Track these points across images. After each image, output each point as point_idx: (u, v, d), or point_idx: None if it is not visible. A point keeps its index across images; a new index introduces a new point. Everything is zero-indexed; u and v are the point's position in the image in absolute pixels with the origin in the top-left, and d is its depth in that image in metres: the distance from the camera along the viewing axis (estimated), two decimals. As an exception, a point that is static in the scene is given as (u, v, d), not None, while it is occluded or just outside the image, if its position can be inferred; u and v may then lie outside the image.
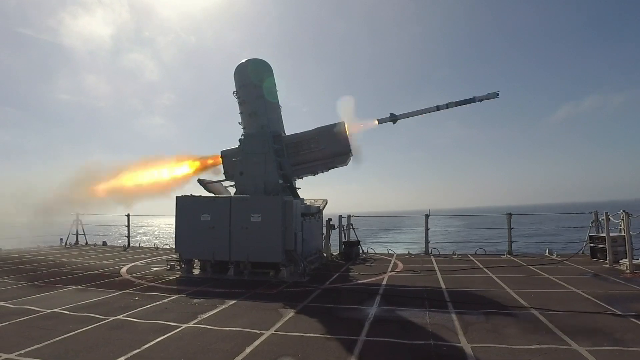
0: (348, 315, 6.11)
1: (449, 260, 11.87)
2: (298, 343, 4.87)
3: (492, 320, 5.74)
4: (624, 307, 6.24)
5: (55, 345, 4.78)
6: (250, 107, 10.82)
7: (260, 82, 10.82)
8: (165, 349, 4.70)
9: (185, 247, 9.82)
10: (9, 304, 6.79)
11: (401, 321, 5.76)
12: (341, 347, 4.71)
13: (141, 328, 5.49)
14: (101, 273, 10.02)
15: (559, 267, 10.23)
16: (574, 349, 4.55)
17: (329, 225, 12.87)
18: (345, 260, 12.15)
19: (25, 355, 4.42)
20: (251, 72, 10.94)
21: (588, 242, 11.77)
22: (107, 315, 6.07)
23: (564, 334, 5.02)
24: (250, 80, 10.85)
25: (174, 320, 5.81)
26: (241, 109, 11.11)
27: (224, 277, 9.31)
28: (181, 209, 9.90)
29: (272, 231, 9.16)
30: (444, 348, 4.65)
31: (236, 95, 11.15)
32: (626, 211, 10.01)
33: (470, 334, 5.12)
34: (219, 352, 4.55)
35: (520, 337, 4.94)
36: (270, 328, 5.40)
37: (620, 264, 9.84)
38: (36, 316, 6.08)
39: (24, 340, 4.88)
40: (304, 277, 9.11)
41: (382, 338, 4.98)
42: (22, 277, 9.32)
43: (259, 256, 9.25)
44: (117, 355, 4.41)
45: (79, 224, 17.28)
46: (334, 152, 10.64)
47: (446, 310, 6.34)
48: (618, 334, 5.04)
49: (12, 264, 11.31)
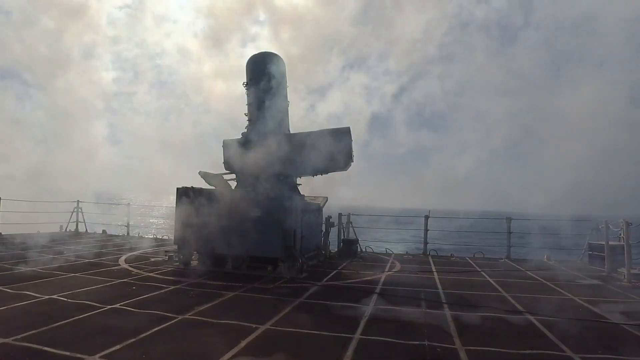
0: (344, 313, 6.13)
1: (446, 262, 11.88)
2: (293, 339, 4.90)
3: (487, 324, 5.76)
4: (619, 315, 6.25)
5: (53, 332, 4.81)
6: (258, 100, 10.81)
7: (272, 75, 10.80)
8: (161, 339, 4.73)
9: (184, 239, 9.85)
10: (7, 289, 6.83)
11: (397, 321, 5.78)
12: (336, 344, 4.73)
13: (138, 317, 5.52)
14: (100, 261, 10.06)
15: (556, 273, 10.23)
16: (568, 355, 4.57)
17: (329, 222, 12.88)
18: (343, 258, 12.17)
19: (23, 341, 4.46)
20: (263, 65, 10.91)
21: (587, 249, 11.77)
22: (104, 303, 6.10)
23: (559, 339, 5.04)
24: (261, 73, 10.82)
25: (170, 311, 5.83)
26: (249, 101, 11.10)
27: (221, 270, 9.34)
28: (181, 200, 9.92)
29: (271, 226, 9.16)
30: (438, 349, 4.67)
31: (246, 86, 11.14)
32: (626, 220, 10.01)
33: (465, 336, 5.14)
34: (214, 345, 4.58)
35: (514, 342, 4.95)
36: (266, 323, 5.42)
37: (618, 272, 9.85)
38: (34, 302, 6.12)
39: (21, 326, 4.91)
40: (302, 274, 9.13)
41: (377, 337, 5.00)
42: (20, 262, 9.37)
43: (258, 251, 9.26)
44: (113, 344, 4.44)
45: (79, 212, 17.34)
46: (337, 156, 10.70)
47: (442, 311, 6.36)
48: (613, 342, 5.06)
49: (11, 249, 11.36)
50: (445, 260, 12.27)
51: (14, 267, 8.82)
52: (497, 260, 12.66)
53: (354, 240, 13.27)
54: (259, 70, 10.88)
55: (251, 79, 11.01)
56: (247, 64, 11.20)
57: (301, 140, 10.85)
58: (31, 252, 10.85)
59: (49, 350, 4.24)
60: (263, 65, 10.88)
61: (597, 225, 11.81)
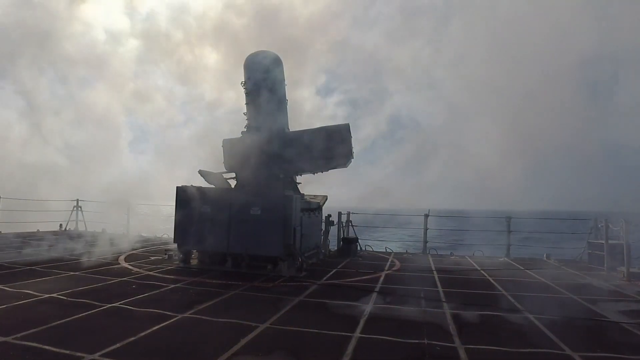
0: (344, 312, 6.13)
1: (446, 261, 11.88)
2: (292, 337, 4.90)
3: (487, 322, 5.77)
4: (618, 314, 6.26)
5: (52, 330, 4.81)
6: (256, 99, 10.80)
7: (270, 75, 10.79)
8: (161, 337, 4.74)
9: (183, 238, 9.85)
10: (7, 287, 6.83)
11: (396, 319, 5.79)
12: (335, 343, 4.74)
13: (137, 316, 5.53)
14: (99, 260, 10.06)
15: (556, 272, 10.23)
16: (567, 354, 4.57)
17: (328, 221, 12.88)
18: (343, 257, 12.18)
19: (22, 339, 4.46)
20: (261, 64, 10.89)
21: (586, 248, 11.78)
22: (103, 302, 6.10)
23: (558, 339, 5.04)
24: (259, 72, 10.81)
25: (170, 309, 5.83)
26: (247, 100, 11.09)
27: (221, 268, 9.35)
28: (181, 199, 9.92)
29: (271, 225, 9.16)
30: (437, 348, 4.67)
31: (244, 85, 11.13)
32: (626, 219, 10.02)
33: (465, 335, 5.14)
34: (214, 343, 4.58)
35: (514, 340, 4.96)
36: (266, 321, 5.42)
37: (617, 271, 9.85)
38: (34, 300, 6.12)
39: (21, 324, 4.91)
40: (302, 272, 9.14)
41: (376, 335, 5.00)
42: (20, 261, 9.37)
43: (258, 249, 9.26)
44: (113, 342, 4.44)
45: (79, 210, 17.33)
46: (336, 153, 10.70)
47: (441, 310, 6.36)
48: (612, 340, 5.07)
49: (11, 248, 11.36)
50: (444, 259, 12.28)
51: (13, 265, 8.82)
52: (497, 259, 12.67)
53: (354, 239, 13.27)
54: (256, 69, 10.88)
55: (249, 78, 11.00)
56: (244, 64, 11.18)
57: (300, 138, 10.85)
58: (31, 251, 10.85)
59: (48, 348, 4.24)
60: (260, 64, 10.87)
61: (596, 224, 11.82)
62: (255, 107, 10.81)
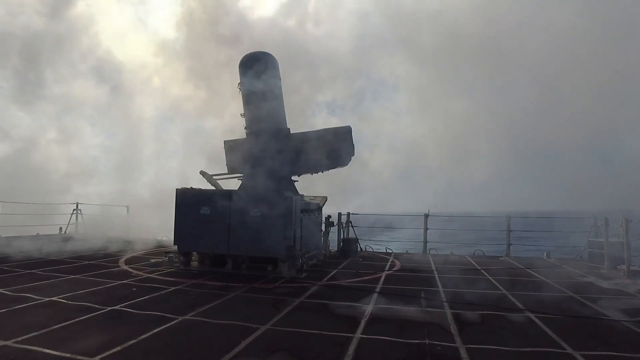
0: (344, 312, 6.13)
1: (446, 261, 11.88)
2: (294, 338, 4.90)
3: (488, 322, 5.77)
4: (619, 313, 6.26)
5: (53, 334, 4.80)
6: (253, 100, 10.82)
7: (265, 75, 10.81)
8: (162, 340, 4.73)
9: (183, 240, 9.84)
10: (7, 291, 6.82)
11: (397, 320, 5.79)
12: (336, 343, 4.73)
13: (138, 319, 5.52)
14: (99, 263, 10.05)
15: (556, 271, 10.24)
16: (568, 352, 4.57)
17: (328, 222, 12.88)
18: (343, 258, 12.18)
19: (23, 343, 4.45)
20: (256, 64, 10.91)
21: (587, 246, 11.78)
22: (104, 305, 6.09)
23: (559, 337, 5.04)
24: (254, 73, 10.83)
25: (170, 311, 5.83)
26: (244, 101, 11.11)
27: (222, 270, 9.33)
28: (181, 201, 9.91)
29: (272, 226, 9.15)
30: (438, 348, 4.67)
31: (240, 87, 11.14)
32: (626, 218, 10.02)
33: (466, 334, 5.14)
34: (215, 345, 4.58)
35: (515, 340, 4.96)
36: (267, 323, 5.42)
37: (618, 269, 9.86)
38: (34, 304, 6.11)
39: (21, 328, 4.90)
40: (302, 273, 9.13)
41: (377, 336, 5.00)
42: (20, 264, 9.35)
43: (258, 251, 9.25)
44: (114, 345, 4.43)
45: (79, 213, 17.32)
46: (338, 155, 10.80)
47: (442, 310, 6.36)
48: (613, 339, 5.07)
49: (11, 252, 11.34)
50: (445, 259, 12.28)
51: (13, 269, 8.81)
52: (497, 258, 12.68)
53: (354, 240, 13.27)
54: (251, 70, 10.89)
55: (244, 79, 11.02)
56: (240, 65, 11.19)
57: (302, 138, 10.93)
58: (31, 254, 10.83)
59: (49, 352, 4.23)
60: (255, 66, 10.89)
61: (596, 222, 11.83)
62: (253, 108, 10.83)
